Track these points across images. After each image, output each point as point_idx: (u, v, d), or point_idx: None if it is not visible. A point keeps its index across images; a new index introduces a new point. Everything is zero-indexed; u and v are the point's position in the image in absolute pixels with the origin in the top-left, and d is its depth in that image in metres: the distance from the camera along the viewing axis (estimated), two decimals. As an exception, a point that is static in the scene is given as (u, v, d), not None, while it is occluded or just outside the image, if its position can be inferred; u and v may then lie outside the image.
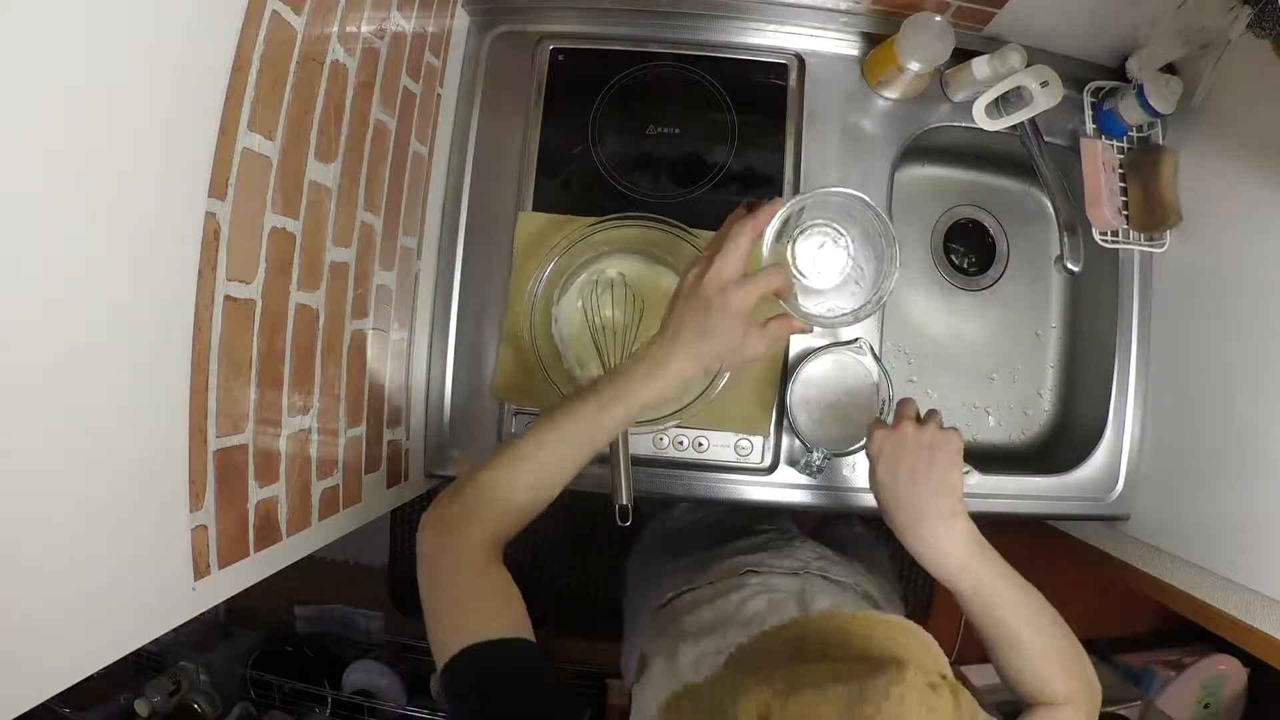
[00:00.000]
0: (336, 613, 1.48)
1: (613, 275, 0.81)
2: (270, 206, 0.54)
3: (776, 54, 0.86)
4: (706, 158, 0.85)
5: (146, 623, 0.47)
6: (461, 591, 0.53)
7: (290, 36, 0.53)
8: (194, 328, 0.47)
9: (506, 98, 0.86)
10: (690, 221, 0.77)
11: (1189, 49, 0.76)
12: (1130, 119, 0.81)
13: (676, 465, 0.82)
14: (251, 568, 0.56)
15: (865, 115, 0.85)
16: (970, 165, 0.98)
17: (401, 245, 0.77)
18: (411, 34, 0.73)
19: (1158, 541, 0.83)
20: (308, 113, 0.57)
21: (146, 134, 0.42)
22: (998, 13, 0.79)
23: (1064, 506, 0.86)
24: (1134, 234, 0.83)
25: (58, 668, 0.41)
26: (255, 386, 0.55)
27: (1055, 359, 0.98)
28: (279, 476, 0.59)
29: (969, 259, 0.98)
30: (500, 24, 0.87)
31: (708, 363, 0.58)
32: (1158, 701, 1.22)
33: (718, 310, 0.56)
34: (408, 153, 0.76)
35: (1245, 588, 0.71)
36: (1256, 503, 0.70)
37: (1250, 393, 0.72)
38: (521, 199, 0.84)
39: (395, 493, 0.80)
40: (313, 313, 0.62)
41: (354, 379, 0.69)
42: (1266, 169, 0.70)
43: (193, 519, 0.49)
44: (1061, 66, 0.79)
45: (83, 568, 0.42)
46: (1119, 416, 0.86)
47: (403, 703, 1.36)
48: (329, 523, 0.67)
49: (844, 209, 0.77)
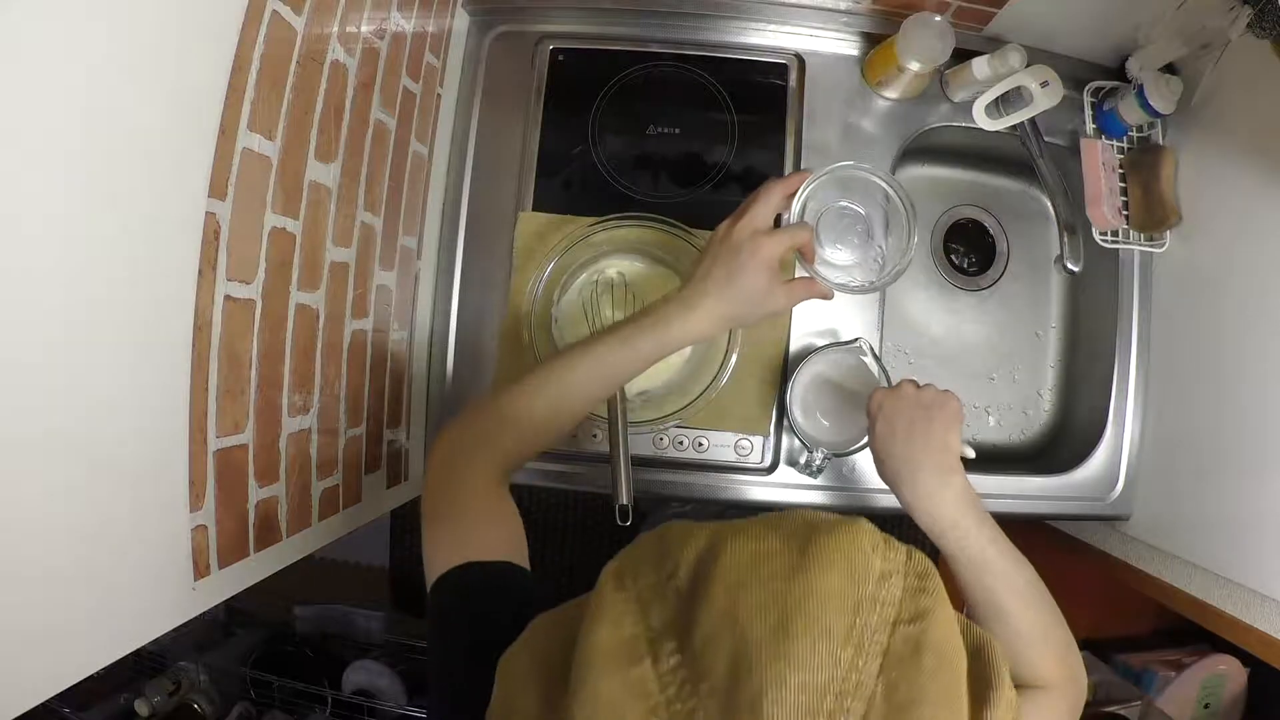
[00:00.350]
0: (336, 613, 1.47)
1: (613, 275, 0.81)
2: (270, 206, 0.54)
3: (776, 54, 0.86)
4: (706, 158, 0.85)
5: (146, 623, 0.47)
6: (462, 511, 0.53)
7: (290, 36, 0.53)
8: (194, 328, 0.47)
9: (506, 98, 0.86)
10: (690, 221, 0.77)
11: (1189, 49, 0.76)
12: (1130, 119, 0.81)
13: (676, 465, 0.82)
14: (251, 568, 0.56)
15: (865, 115, 0.85)
16: (970, 165, 0.98)
17: (401, 245, 0.77)
18: (411, 34, 0.73)
19: (1158, 541, 0.83)
20: (308, 113, 0.57)
21: (146, 134, 0.42)
22: (998, 13, 0.79)
23: (1064, 506, 0.86)
24: (1134, 234, 0.83)
25: (58, 668, 0.41)
26: (255, 386, 0.55)
27: (1055, 359, 0.98)
28: (279, 476, 0.59)
29: (969, 259, 0.98)
30: (500, 24, 0.87)
31: (734, 308, 0.60)
32: (1158, 701, 1.22)
33: (748, 255, 0.59)
34: (408, 153, 0.76)
35: (1245, 588, 0.71)
36: (1257, 502, 0.70)
37: (1250, 392, 0.72)
38: (521, 199, 0.84)
39: (395, 493, 0.80)
40: (313, 313, 0.62)
41: (354, 379, 0.69)
42: (1266, 169, 0.70)
43: (193, 519, 0.50)
44: (1061, 66, 0.79)
45: (83, 568, 0.42)
46: (1119, 416, 0.86)
47: (403, 703, 1.36)
48: (329, 523, 0.67)
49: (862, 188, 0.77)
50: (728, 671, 0.23)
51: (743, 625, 0.24)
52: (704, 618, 0.25)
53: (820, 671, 0.23)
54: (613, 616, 0.26)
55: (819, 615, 0.24)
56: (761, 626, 0.24)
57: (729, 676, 0.23)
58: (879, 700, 0.23)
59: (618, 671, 0.25)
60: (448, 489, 0.54)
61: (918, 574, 0.26)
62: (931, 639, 0.25)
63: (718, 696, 0.23)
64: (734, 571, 0.25)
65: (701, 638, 0.24)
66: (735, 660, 0.23)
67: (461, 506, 0.54)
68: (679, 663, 0.24)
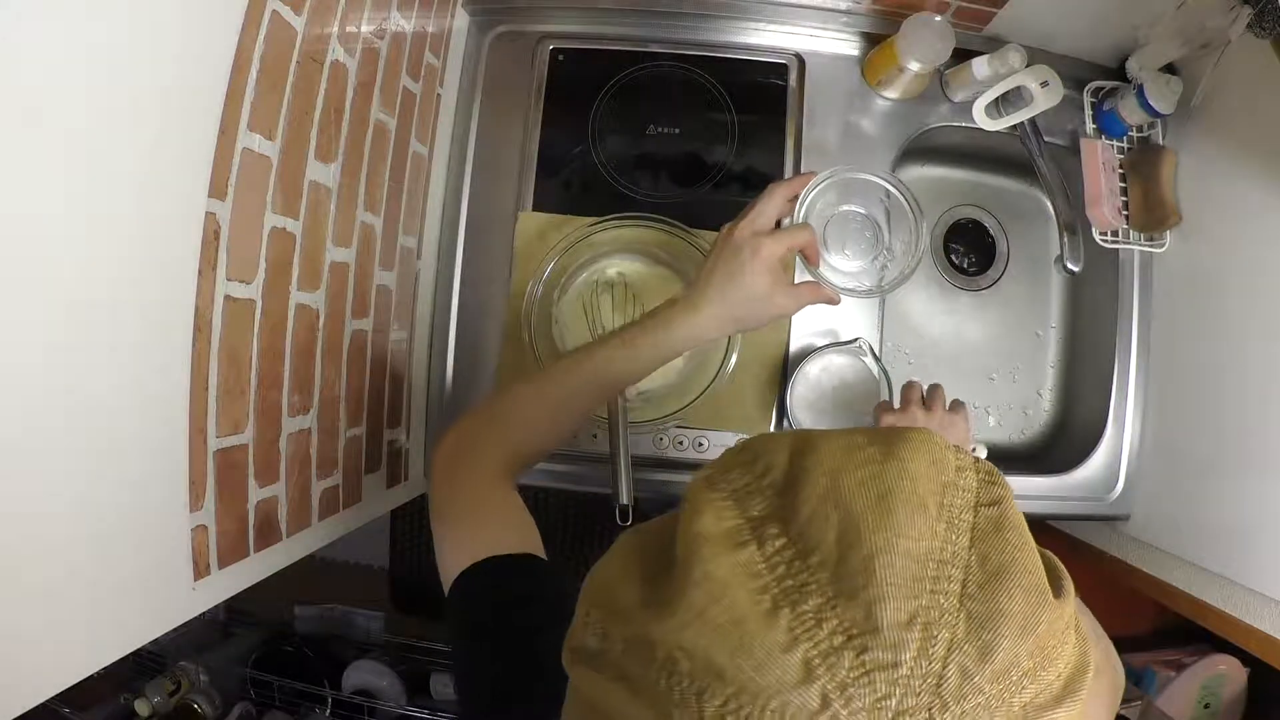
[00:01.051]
0: (336, 613, 1.47)
1: (613, 275, 0.81)
2: (270, 206, 0.54)
3: (776, 54, 0.86)
4: (706, 158, 0.85)
5: (146, 623, 0.47)
6: (473, 509, 0.53)
7: (290, 36, 0.53)
8: (194, 328, 0.47)
9: (506, 98, 0.86)
10: (690, 221, 0.77)
11: (1189, 49, 0.75)
12: (1130, 119, 0.81)
13: (676, 465, 0.82)
14: (251, 568, 0.56)
15: (865, 115, 0.85)
16: (970, 165, 0.98)
17: (401, 245, 0.77)
18: (411, 34, 0.73)
19: (1158, 541, 0.83)
20: (308, 113, 0.57)
21: (146, 134, 0.42)
22: (998, 13, 0.79)
23: (1064, 506, 0.86)
24: (1134, 234, 0.83)
25: (58, 668, 0.41)
26: (255, 386, 0.55)
27: (1055, 359, 0.98)
28: (279, 476, 0.59)
29: (969, 259, 0.98)
30: (500, 24, 0.87)
31: (735, 310, 0.60)
32: (1158, 702, 1.22)
33: (748, 256, 0.59)
34: (408, 153, 0.76)
35: (1245, 588, 0.71)
36: (1257, 503, 0.70)
37: (1250, 392, 0.72)
38: (521, 199, 0.84)
39: (395, 493, 0.80)
40: (313, 313, 0.62)
41: (354, 379, 0.69)
42: (1266, 169, 0.70)
43: (193, 519, 0.49)
44: (1061, 66, 0.79)
45: (83, 568, 0.42)
46: (1119, 416, 0.86)
47: (403, 703, 1.36)
48: (329, 523, 0.67)
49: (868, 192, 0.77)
50: (836, 541, 0.25)
51: (846, 501, 0.25)
52: (805, 500, 0.26)
53: (920, 541, 0.25)
54: (712, 511, 0.27)
55: (914, 491, 0.26)
56: (864, 501, 0.25)
57: (838, 545, 0.25)
58: (975, 567, 0.25)
59: (725, 555, 0.26)
60: (454, 490, 0.54)
61: (986, 470, 0.28)
62: (1010, 519, 0.27)
63: (828, 567, 0.24)
64: (830, 459, 0.27)
65: (805, 517, 0.26)
66: (843, 531, 0.25)
67: (471, 505, 0.53)
68: (784, 544, 0.25)
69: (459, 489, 0.54)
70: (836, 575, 0.24)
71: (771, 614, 0.24)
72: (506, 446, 0.57)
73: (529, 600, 0.48)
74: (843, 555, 0.24)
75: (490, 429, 0.58)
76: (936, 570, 0.24)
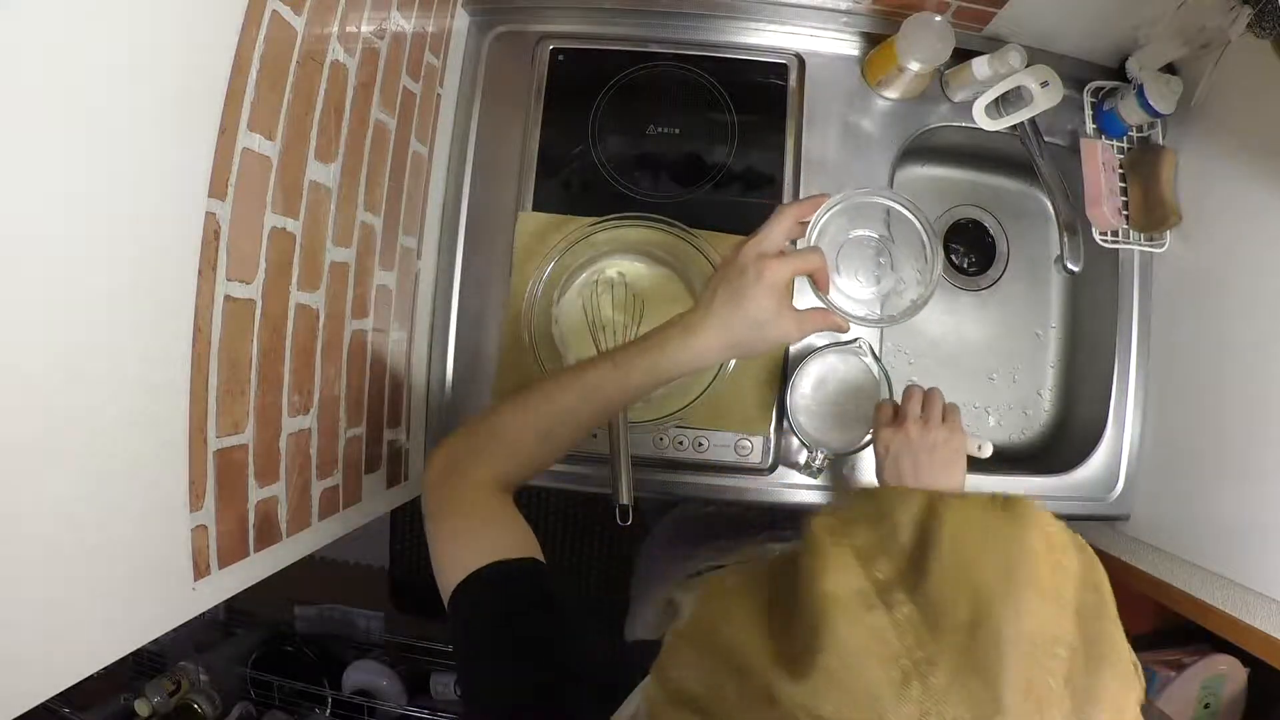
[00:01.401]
0: (336, 613, 1.47)
1: (613, 275, 0.81)
2: (270, 206, 0.54)
3: (776, 54, 0.86)
4: (706, 158, 0.85)
5: (146, 623, 0.47)
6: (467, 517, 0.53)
7: (290, 36, 0.53)
8: (194, 328, 0.47)
9: (506, 98, 0.86)
10: (690, 221, 0.77)
11: (1189, 49, 0.76)
12: (1130, 119, 0.81)
13: (676, 465, 0.82)
14: (251, 568, 0.56)
15: (865, 115, 0.85)
16: (970, 165, 0.98)
17: (401, 245, 0.77)
18: (411, 34, 0.73)
19: (1158, 541, 0.83)
20: (308, 113, 0.57)
21: (146, 134, 0.42)
22: (998, 13, 0.79)
23: (1064, 506, 0.86)
24: (1134, 234, 0.83)
25: (58, 668, 0.41)
26: (255, 386, 0.55)
27: (1055, 359, 0.98)
28: (279, 476, 0.59)
29: (969, 259, 0.98)
30: (500, 24, 0.87)
31: (737, 334, 0.56)
32: (1158, 702, 1.22)
33: (752, 279, 0.55)
34: (408, 153, 0.76)
35: (1245, 588, 0.71)
36: (1256, 503, 0.70)
37: (1250, 392, 0.72)
38: (521, 199, 0.84)
39: (395, 493, 0.80)
40: (313, 313, 0.62)
41: (354, 379, 0.69)
42: (1266, 169, 0.70)
43: (193, 519, 0.49)
44: (1061, 66, 0.79)
45: (82, 568, 0.42)
46: (1119, 416, 0.86)
47: (403, 703, 1.36)
48: (329, 523, 0.67)
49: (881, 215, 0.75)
50: (966, 615, 0.26)
51: (974, 576, 0.26)
52: (935, 568, 0.27)
53: (1036, 620, 0.26)
54: (838, 568, 0.28)
55: (1034, 571, 0.27)
56: (991, 575, 0.26)
57: (967, 620, 0.26)
58: (1079, 649, 0.27)
59: (857, 621, 0.26)
60: (449, 502, 0.54)
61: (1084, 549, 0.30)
62: (1110, 607, 0.29)
63: (957, 641, 0.25)
64: (957, 527, 0.28)
65: (934, 586, 0.27)
66: (972, 605, 0.26)
67: (466, 514, 0.53)
68: (912, 611, 0.26)
69: (452, 503, 0.54)
70: (965, 649, 0.25)
71: (903, 686, 0.25)
72: (495, 465, 0.55)
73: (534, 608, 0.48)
74: (971, 631, 0.25)
75: (479, 447, 0.56)
76: (1049, 650, 0.26)
